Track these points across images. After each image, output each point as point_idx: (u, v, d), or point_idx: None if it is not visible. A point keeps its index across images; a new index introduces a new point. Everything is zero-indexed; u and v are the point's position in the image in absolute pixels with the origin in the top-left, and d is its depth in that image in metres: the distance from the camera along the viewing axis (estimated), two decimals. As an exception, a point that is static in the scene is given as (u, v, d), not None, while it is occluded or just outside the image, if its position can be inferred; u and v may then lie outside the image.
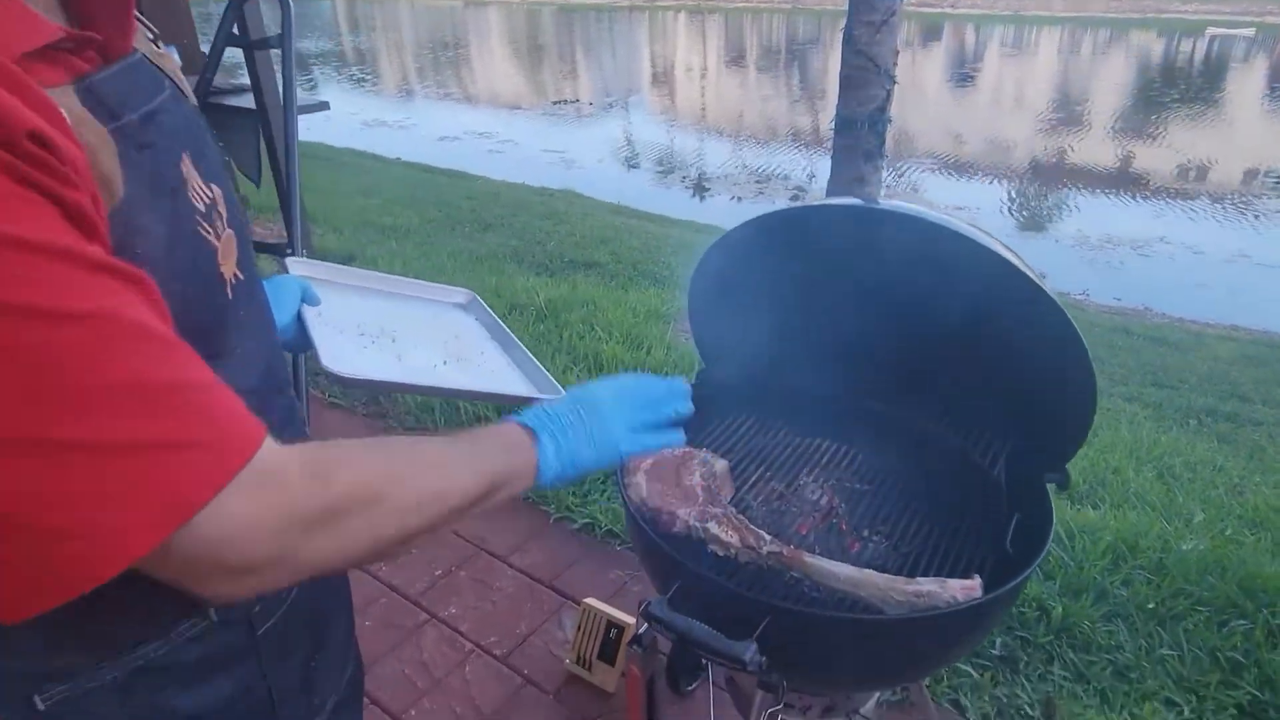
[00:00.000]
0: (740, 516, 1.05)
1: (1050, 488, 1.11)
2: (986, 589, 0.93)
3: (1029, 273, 0.96)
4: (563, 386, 1.03)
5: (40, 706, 0.64)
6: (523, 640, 1.95)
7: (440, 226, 5.71)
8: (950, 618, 0.89)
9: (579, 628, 1.85)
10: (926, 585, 0.93)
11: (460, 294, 1.34)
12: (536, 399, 1.08)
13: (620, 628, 1.79)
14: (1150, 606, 2.02)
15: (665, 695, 1.77)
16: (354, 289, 1.21)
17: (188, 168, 0.62)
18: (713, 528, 1.03)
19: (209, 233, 0.63)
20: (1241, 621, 1.97)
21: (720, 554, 1.03)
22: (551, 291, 3.85)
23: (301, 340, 0.97)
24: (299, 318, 0.97)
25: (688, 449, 1.20)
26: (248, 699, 0.74)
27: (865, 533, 1.15)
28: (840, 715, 1.21)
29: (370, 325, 1.09)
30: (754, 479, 1.22)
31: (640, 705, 0.96)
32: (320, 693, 0.84)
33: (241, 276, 0.69)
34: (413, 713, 1.76)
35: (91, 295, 0.47)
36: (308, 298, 1.00)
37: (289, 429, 0.79)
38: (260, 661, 0.75)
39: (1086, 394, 1.01)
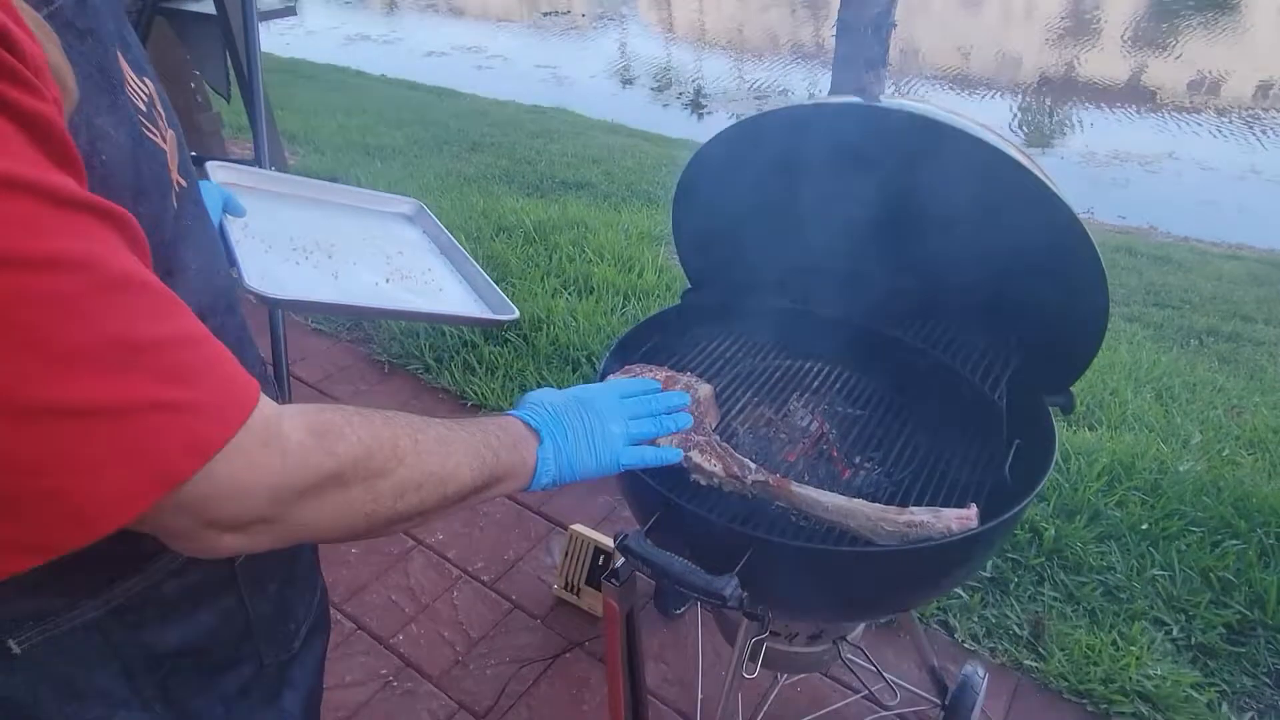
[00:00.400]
0: (725, 444, 0.99)
1: (1053, 412, 1.05)
2: (983, 518, 0.88)
3: (1039, 173, 0.87)
4: (550, 311, 0.98)
5: (16, 650, 0.60)
6: (511, 566, 1.93)
7: (427, 147, 5.50)
8: (944, 549, 0.84)
9: (566, 554, 1.83)
10: (920, 515, 0.88)
11: (405, 203, 1.24)
12: (490, 320, 1.01)
13: (607, 554, 1.77)
14: (1144, 528, 2.00)
15: (653, 619, 1.76)
16: (285, 198, 1.10)
17: (120, 60, 0.53)
18: (695, 456, 0.97)
19: (154, 135, 0.56)
20: (1234, 542, 1.95)
21: (703, 483, 0.97)
22: (541, 213, 3.73)
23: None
24: (221, 230, 0.88)
25: (671, 373, 1.14)
26: (227, 629, 0.73)
27: (857, 460, 1.10)
28: (827, 641, 1.19)
29: (303, 239, 0.99)
30: (741, 404, 1.16)
31: (618, 641, 0.93)
32: (295, 618, 0.82)
33: (185, 184, 0.62)
34: (400, 637, 1.75)
35: (65, 237, 0.40)
36: (230, 208, 0.91)
37: (243, 351, 0.73)
38: (239, 592, 0.72)
39: (1097, 308, 0.93)
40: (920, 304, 1.17)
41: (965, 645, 1.74)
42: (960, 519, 0.87)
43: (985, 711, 1.53)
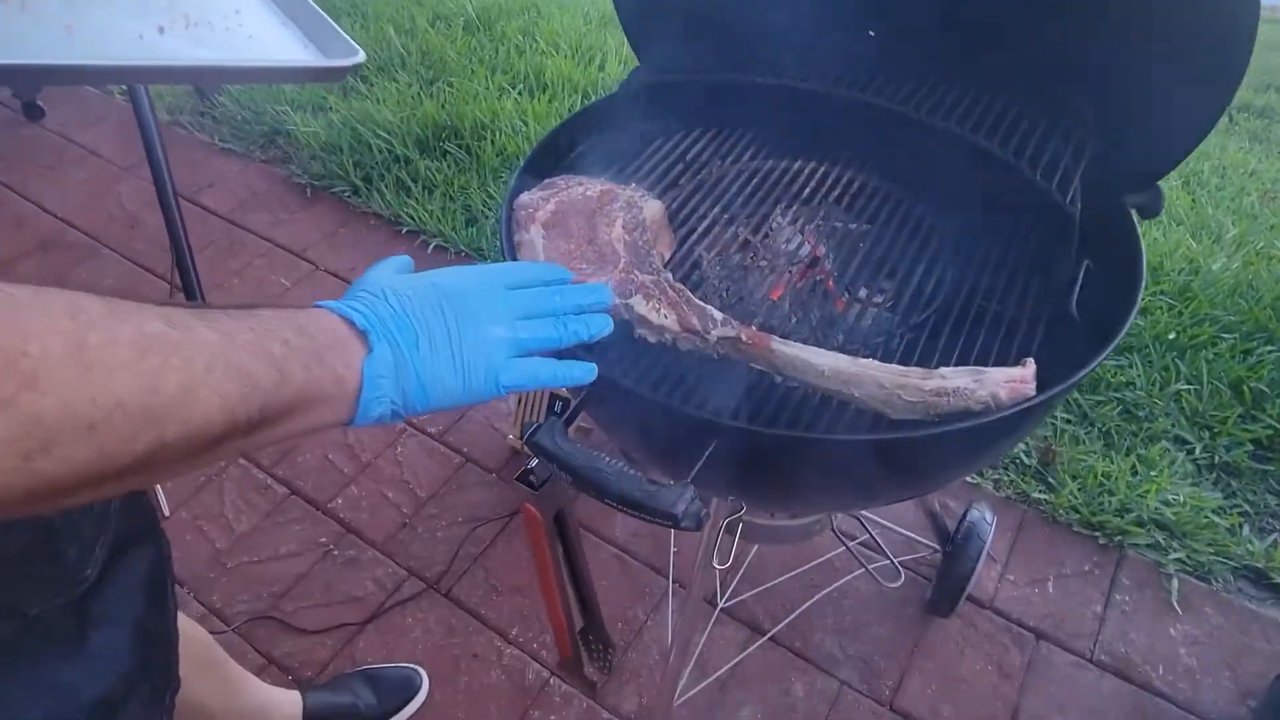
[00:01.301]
0: (679, 285, 0.71)
1: (1133, 215, 0.76)
2: (1042, 376, 0.62)
3: None
4: (495, 115, 0.69)
5: None
6: (460, 415, 1.71)
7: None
8: (988, 428, 0.59)
9: (520, 399, 1.60)
10: (955, 379, 0.62)
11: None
12: (319, 70, 0.69)
13: (565, 400, 1.54)
14: (1170, 337, 1.78)
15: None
16: None
17: None
18: (639, 305, 0.69)
19: None
20: (1270, 348, 1.74)
21: (651, 340, 0.70)
22: (483, -4, 3.15)
23: None
24: None
25: (607, 185, 0.83)
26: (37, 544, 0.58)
27: (862, 294, 0.82)
28: (815, 514, 0.98)
29: None
30: (704, 225, 0.87)
31: (547, 554, 0.70)
32: (69, 541, 0.63)
33: None
34: (339, 501, 1.57)
35: None
36: None
37: None
38: None
39: (1230, 52, 0.61)
40: (951, 65, 0.83)
41: (966, 479, 1.57)
42: (1012, 384, 0.61)
43: (989, 551, 1.38)
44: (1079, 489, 1.53)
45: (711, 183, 0.92)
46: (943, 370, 0.62)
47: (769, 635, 1.32)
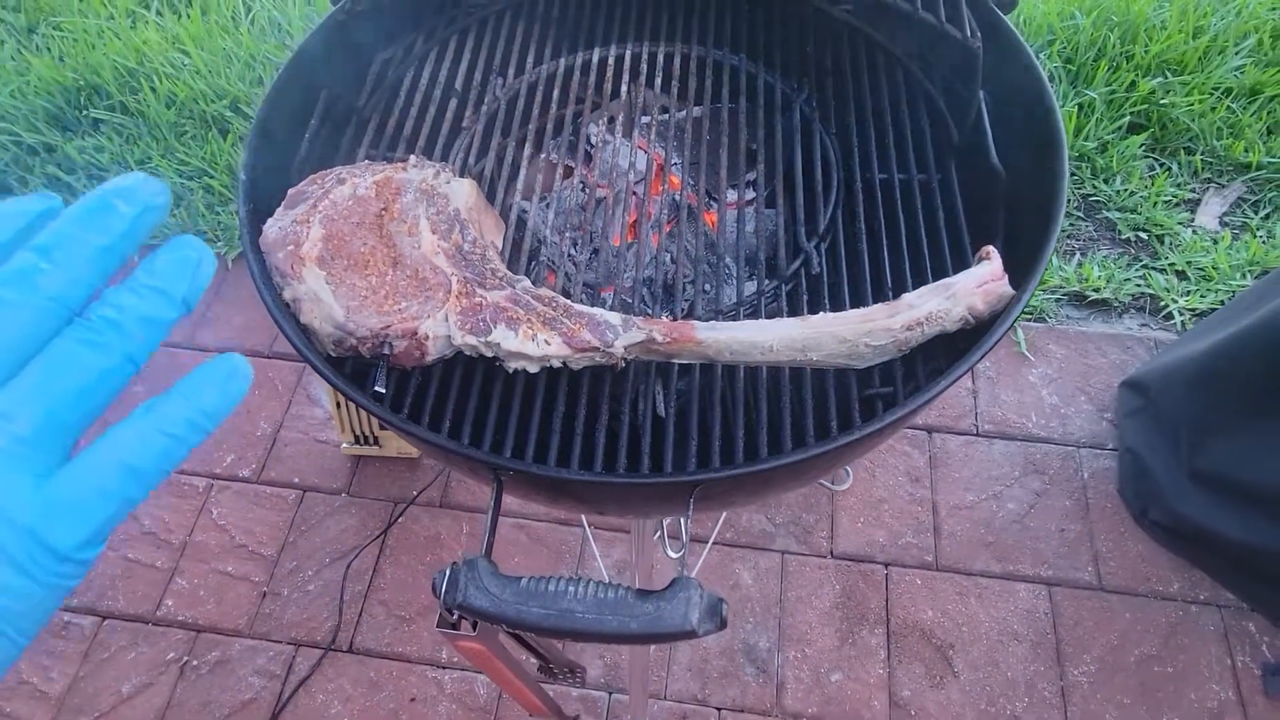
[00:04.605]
0: (546, 293, 0.52)
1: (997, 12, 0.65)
2: (1006, 258, 0.52)
3: None
4: (141, 55, 0.42)
5: None
6: (271, 442, 1.42)
7: None
8: (987, 352, 0.49)
9: (337, 402, 1.34)
10: (924, 304, 0.50)
11: None
12: None
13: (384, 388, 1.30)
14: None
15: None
16: None
17: None
18: (506, 340, 0.50)
19: None
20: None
21: (533, 370, 0.52)
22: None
23: None
24: None
25: (384, 171, 0.59)
26: None
27: (731, 194, 0.67)
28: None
29: None
30: (521, 174, 0.66)
31: (508, 674, 0.54)
32: None
33: None
34: (169, 603, 1.27)
35: None
36: None
37: None
38: None
39: None
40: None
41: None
42: (986, 289, 0.50)
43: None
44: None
45: (504, 112, 0.70)
46: (907, 298, 0.50)
47: (709, 543, 1.27)
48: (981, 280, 0.50)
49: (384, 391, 0.52)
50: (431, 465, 1.38)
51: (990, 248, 0.52)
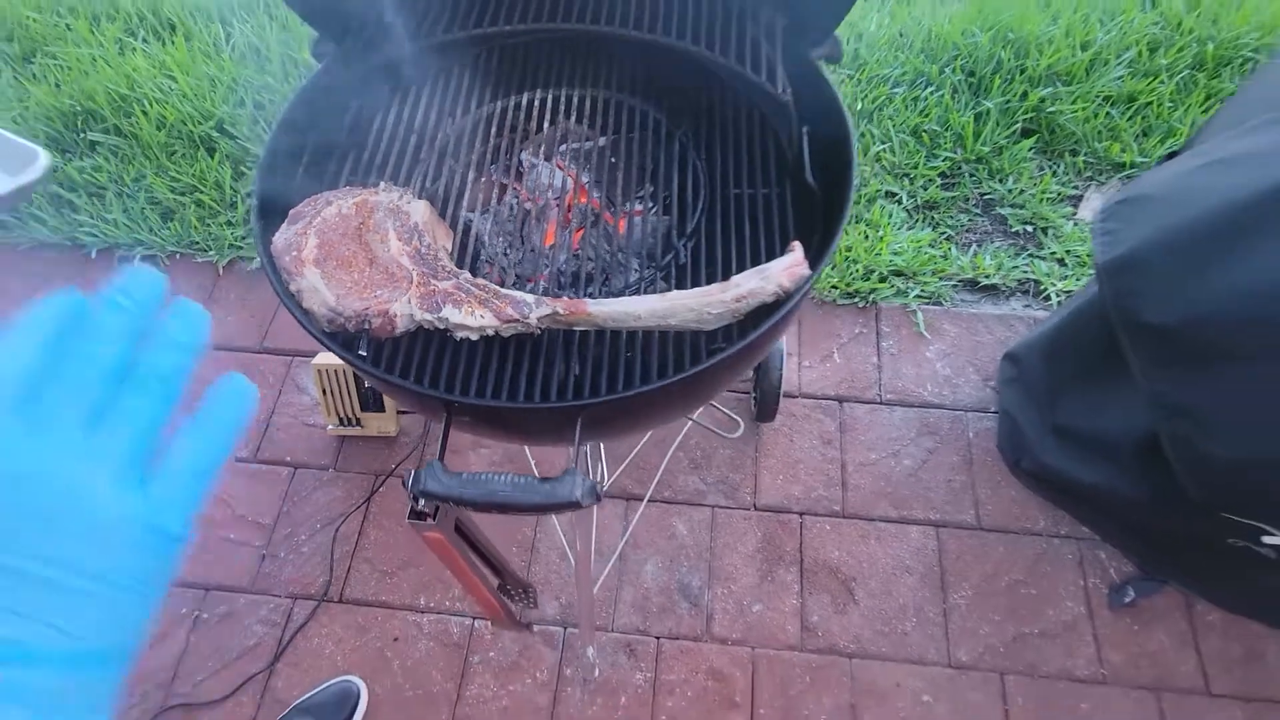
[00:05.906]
0: (480, 281, 0.73)
1: (822, 66, 0.87)
2: (810, 251, 0.73)
3: None
4: (132, 80, 0.59)
5: None
6: (265, 427, 1.61)
7: None
8: (786, 314, 0.70)
9: (324, 390, 1.53)
10: (746, 283, 0.71)
11: None
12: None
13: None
14: (859, 107, 2.03)
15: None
16: None
17: None
18: (452, 315, 0.71)
19: None
20: (930, 89, 2.04)
21: (474, 339, 0.73)
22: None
23: None
24: None
25: (361, 193, 0.79)
26: None
27: (638, 205, 0.88)
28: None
29: None
30: (466, 193, 0.86)
31: (459, 558, 0.75)
32: None
33: None
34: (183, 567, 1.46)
35: None
36: None
37: None
38: None
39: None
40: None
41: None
42: (790, 271, 0.72)
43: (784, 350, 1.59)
44: (831, 268, 1.78)
45: (453, 145, 0.90)
46: (734, 279, 0.72)
47: (645, 500, 1.48)
48: (787, 266, 0.72)
49: (365, 355, 0.72)
50: (407, 442, 1.58)
51: (796, 242, 0.73)
